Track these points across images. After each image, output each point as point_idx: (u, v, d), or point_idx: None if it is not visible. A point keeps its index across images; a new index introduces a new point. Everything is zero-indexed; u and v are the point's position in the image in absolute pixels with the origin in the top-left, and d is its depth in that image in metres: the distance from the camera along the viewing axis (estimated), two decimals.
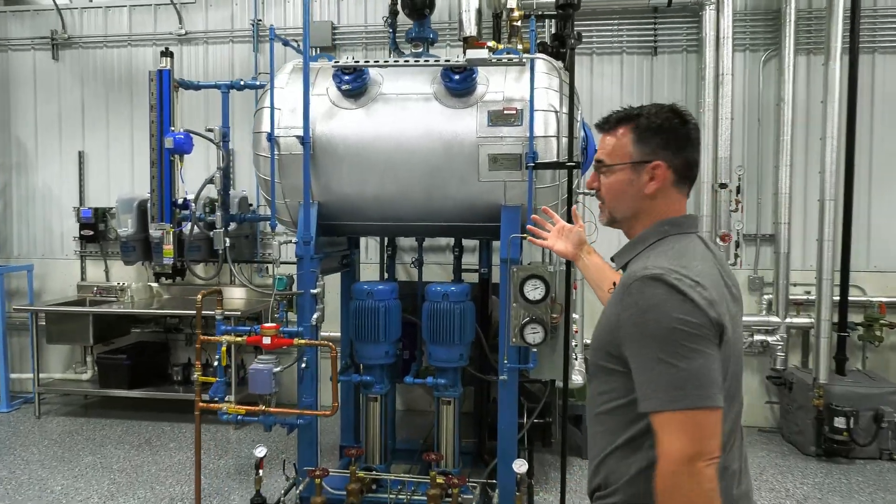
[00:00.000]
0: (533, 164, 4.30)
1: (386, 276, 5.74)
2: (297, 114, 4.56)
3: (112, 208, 7.44)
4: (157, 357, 7.30)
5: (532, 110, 4.32)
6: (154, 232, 5.23)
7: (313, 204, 4.64)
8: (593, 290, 2.33)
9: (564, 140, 4.39)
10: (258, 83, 5.16)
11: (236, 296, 7.27)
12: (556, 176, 4.46)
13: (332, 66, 4.51)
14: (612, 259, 1.82)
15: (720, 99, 6.45)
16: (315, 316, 4.56)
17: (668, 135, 1.63)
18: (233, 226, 6.32)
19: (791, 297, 6.59)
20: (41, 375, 7.26)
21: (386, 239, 5.80)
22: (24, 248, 7.96)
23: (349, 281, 5.52)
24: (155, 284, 7.43)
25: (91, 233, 7.44)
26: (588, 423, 1.73)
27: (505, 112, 4.40)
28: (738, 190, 6.50)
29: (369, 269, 6.98)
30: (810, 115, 6.57)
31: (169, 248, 4.99)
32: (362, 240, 6.73)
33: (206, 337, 4.35)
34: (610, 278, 2.19)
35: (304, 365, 4.49)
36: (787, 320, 6.58)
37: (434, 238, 6.74)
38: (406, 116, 4.51)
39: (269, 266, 6.79)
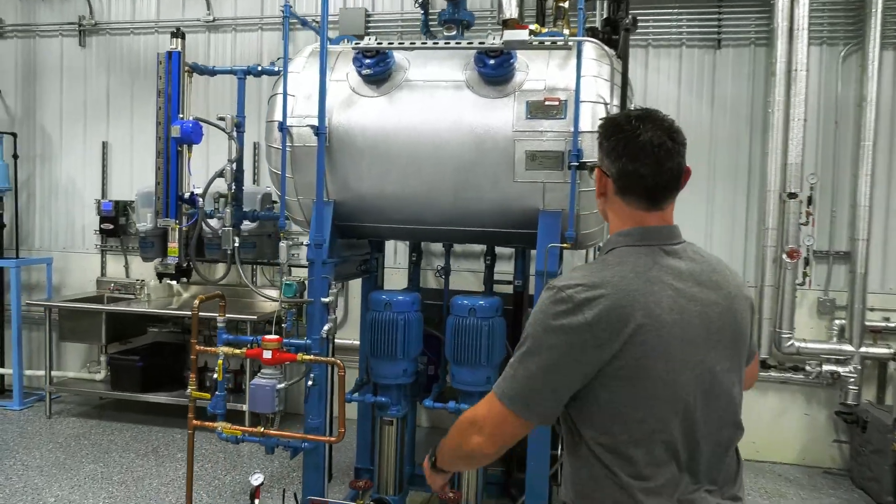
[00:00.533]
0: (577, 164, 3.72)
1: (411, 283, 5.21)
2: (313, 101, 4.08)
3: (133, 201, 7.12)
4: (173, 359, 6.93)
5: (578, 101, 3.75)
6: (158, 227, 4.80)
7: (328, 202, 4.16)
8: None
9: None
10: (277, 69, 4.70)
11: (266, 298, 6.85)
12: None
13: (353, 48, 4.01)
14: None
15: (792, 97, 5.75)
16: (326, 328, 4.08)
17: (612, 141, 1.63)
18: (253, 224, 5.97)
19: (868, 323, 5.83)
20: (56, 373, 7.00)
21: (411, 243, 5.27)
22: (45, 241, 7.72)
23: (370, 288, 5.02)
24: (174, 283, 7.08)
25: (111, 226, 7.13)
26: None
27: (546, 103, 3.84)
28: (810, 201, 5.79)
29: (396, 276, 6.49)
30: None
31: (174, 246, 4.57)
32: (389, 243, 6.25)
33: (201, 347, 3.90)
34: None
35: (311, 382, 4.00)
36: (862, 350, 5.82)
37: (466, 244, 6.19)
38: (433, 106, 3.99)
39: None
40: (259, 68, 4.79)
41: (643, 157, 1.57)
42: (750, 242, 6.19)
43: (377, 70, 3.97)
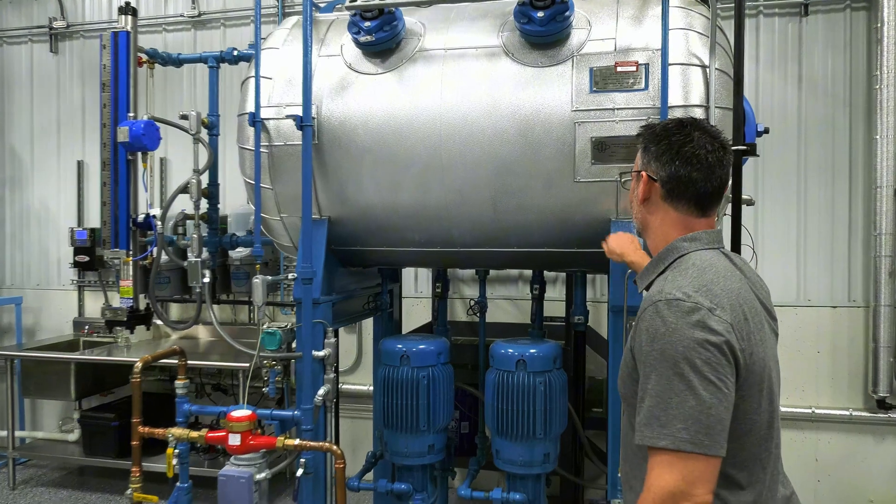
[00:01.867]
0: None
1: (436, 321, 4.07)
2: (297, 86, 3.02)
3: None
4: (158, 413, 5.85)
5: (665, 64, 2.63)
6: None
7: (320, 221, 3.08)
8: None
9: (719, 112, 2.67)
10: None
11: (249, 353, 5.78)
12: None
13: (347, 8, 2.93)
14: (634, 282, 1.75)
15: None
16: (322, 392, 2.97)
17: (663, 145, 1.58)
18: (246, 251, 4.90)
19: None
20: (23, 434, 5.99)
21: (434, 270, 4.14)
22: (17, 277, 6.73)
23: (383, 329, 3.92)
24: (160, 321, 6.05)
25: (87, 258, 6.11)
26: (625, 459, 1.62)
27: (619, 69, 2.72)
28: None
29: (418, 308, 5.39)
30: None
31: (127, 284, 3.52)
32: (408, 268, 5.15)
33: (147, 429, 2.81)
34: None
35: (301, 470, 2.88)
36: None
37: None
38: (460, 83, 2.90)
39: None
40: (235, 53, 3.75)
41: (696, 162, 1.55)
42: (855, 251, 4.96)
43: (381, 36, 2.89)
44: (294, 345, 3.07)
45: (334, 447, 2.74)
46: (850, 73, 4.92)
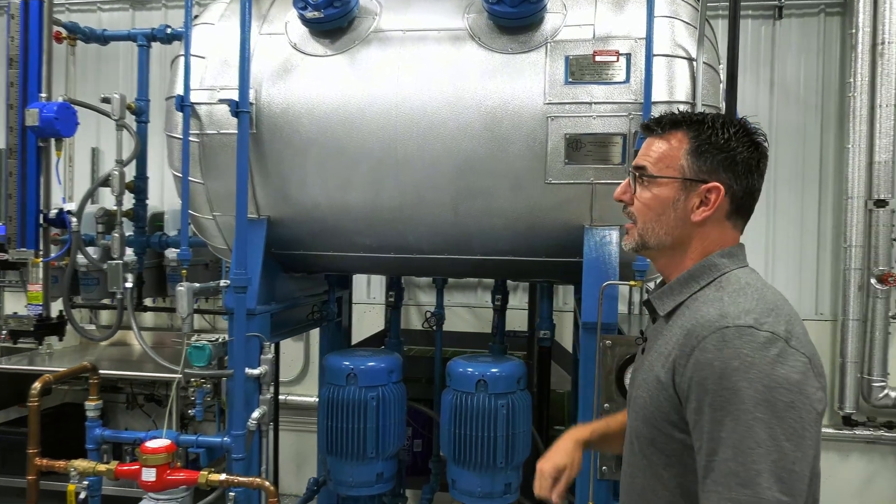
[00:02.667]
0: None
1: (390, 334, 3.74)
2: (233, 67, 2.65)
3: None
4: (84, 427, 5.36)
5: (650, 54, 2.35)
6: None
7: (258, 221, 2.72)
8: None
9: (706, 110, 2.42)
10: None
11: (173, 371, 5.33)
12: None
13: None
14: (648, 302, 1.40)
15: (878, 78, 4.42)
16: (257, 415, 2.61)
17: (734, 154, 1.31)
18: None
19: None
20: None
21: (388, 277, 3.80)
22: None
23: (331, 341, 3.56)
24: (92, 326, 5.56)
25: (6, 256, 5.57)
26: None
27: (597, 59, 2.44)
28: None
29: (371, 315, 5.04)
30: None
31: (35, 289, 3.09)
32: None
33: (46, 461, 2.41)
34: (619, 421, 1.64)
35: None
36: None
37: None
38: (420, 69, 2.57)
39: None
40: (168, 31, 3.35)
41: (762, 175, 1.37)
42: (824, 263, 4.82)
43: (331, 13, 2.54)
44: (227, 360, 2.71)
45: (266, 483, 2.38)
46: (822, 80, 4.78)
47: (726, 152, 1.30)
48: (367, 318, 5.02)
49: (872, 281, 4.48)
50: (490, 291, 3.78)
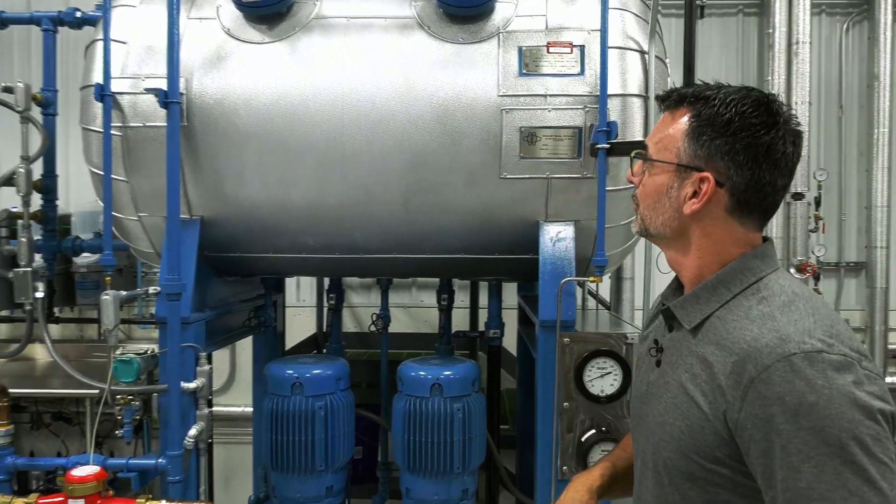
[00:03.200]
0: (608, 146, 2.29)
1: (330, 339, 3.56)
2: (159, 53, 2.42)
3: None
4: None
5: (605, 46, 2.31)
6: None
7: (190, 221, 2.50)
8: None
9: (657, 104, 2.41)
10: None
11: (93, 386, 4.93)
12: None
13: None
14: (666, 311, 1.23)
15: (794, 76, 4.63)
16: (194, 433, 2.41)
17: (735, 139, 1.12)
18: (93, 257, 4.14)
19: (890, 346, 4.78)
20: None
21: (331, 280, 3.62)
22: None
23: (266, 348, 3.36)
24: None
25: None
26: None
27: (551, 50, 2.38)
28: (818, 202, 4.68)
29: (301, 318, 4.84)
30: None
31: None
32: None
33: None
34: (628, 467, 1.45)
35: None
36: (887, 379, 4.75)
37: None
38: (367, 59, 2.44)
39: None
40: (78, 14, 3.04)
41: (784, 162, 1.14)
42: None
43: None
44: (157, 373, 2.48)
45: None
46: (742, 78, 4.95)
47: (725, 136, 1.13)
48: (296, 322, 4.81)
49: (792, 270, 4.68)
50: (425, 291, 3.70)
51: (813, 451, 0.96)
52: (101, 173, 2.47)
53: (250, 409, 4.64)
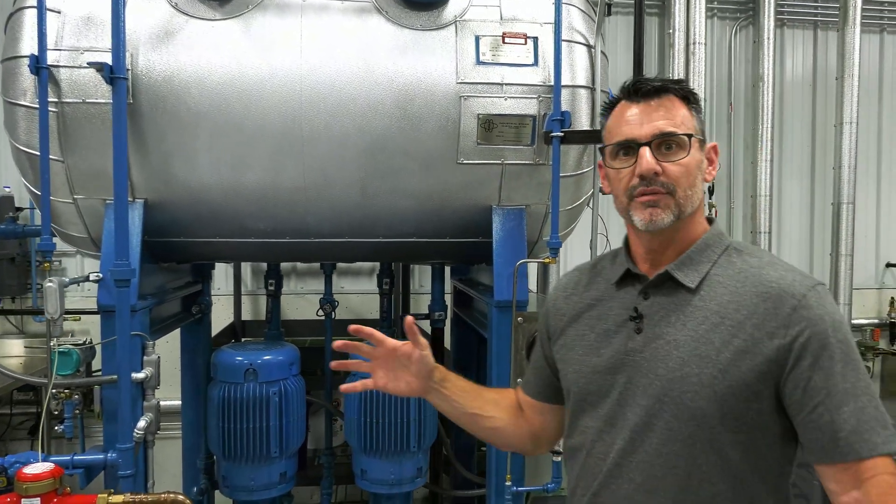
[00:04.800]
0: (563, 134, 2.41)
1: (270, 325, 3.49)
2: (99, 25, 2.29)
3: None
4: None
5: (559, 38, 2.44)
6: None
7: (132, 204, 2.39)
8: (465, 424, 1.51)
9: (603, 95, 2.57)
10: None
11: (14, 351, 4.52)
12: (584, 159, 2.61)
13: None
14: (668, 273, 1.27)
15: (691, 75, 5.00)
16: (143, 424, 2.31)
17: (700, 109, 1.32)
18: None
19: None
20: None
21: (272, 264, 3.53)
22: None
23: (197, 333, 3.26)
24: None
25: None
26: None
27: (507, 41, 2.47)
28: (712, 191, 5.09)
29: (219, 307, 4.67)
30: (795, 97, 5.38)
31: None
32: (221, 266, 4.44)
33: None
34: (489, 398, 1.54)
35: None
36: None
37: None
38: (325, 41, 2.42)
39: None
40: None
41: None
42: None
43: None
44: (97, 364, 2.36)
45: (181, 497, 2.11)
46: (644, 75, 5.28)
47: (701, 113, 1.30)
48: (216, 312, 4.65)
49: None
50: (345, 278, 3.69)
51: (850, 357, 1.16)
52: (31, 152, 2.31)
53: (170, 403, 4.46)
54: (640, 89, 1.26)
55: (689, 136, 1.24)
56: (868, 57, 5.40)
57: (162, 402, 4.50)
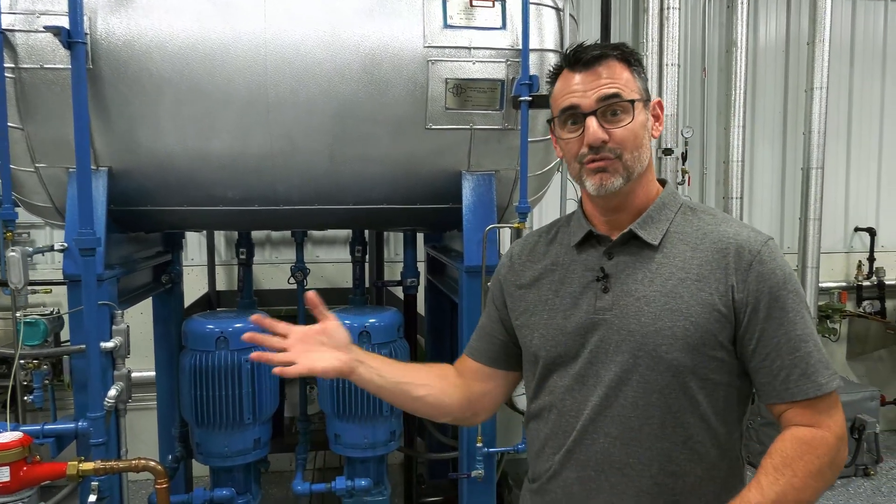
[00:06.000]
0: (531, 98, 2.41)
1: (242, 293, 3.48)
2: None
3: None
4: None
5: (527, 1, 2.41)
6: None
7: (97, 173, 2.36)
8: (396, 397, 1.45)
9: None
10: None
11: None
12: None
13: None
14: (632, 232, 1.31)
15: (665, 40, 4.99)
16: (114, 393, 2.31)
17: (644, 72, 1.34)
18: None
19: None
20: None
21: (243, 233, 3.51)
22: None
23: (169, 307, 3.24)
24: None
25: None
26: (649, 443, 1.27)
27: (474, 4, 2.45)
28: (685, 157, 5.12)
29: (192, 277, 4.65)
30: (769, 62, 5.40)
31: None
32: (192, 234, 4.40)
33: None
34: (417, 368, 1.53)
35: (93, 497, 2.21)
36: None
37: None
38: (290, 5, 2.38)
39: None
40: None
41: None
42: None
43: None
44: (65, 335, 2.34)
45: (152, 463, 2.13)
46: (619, 40, 5.25)
47: (644, 72, 1.32)
48: (185, 281, 4.62)
49: None
50: (321, 247, 3.68)
51: (800, 306, 1.25)
52: None
53: (138, 375, 4.45)
54: (580, 58, 1.26)
55: (633, 101, 1.25)
56: (840, 22, 5.42)
57: (137, 373, 4.55)
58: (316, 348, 1.36)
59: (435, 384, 1.46)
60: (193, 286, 4.68)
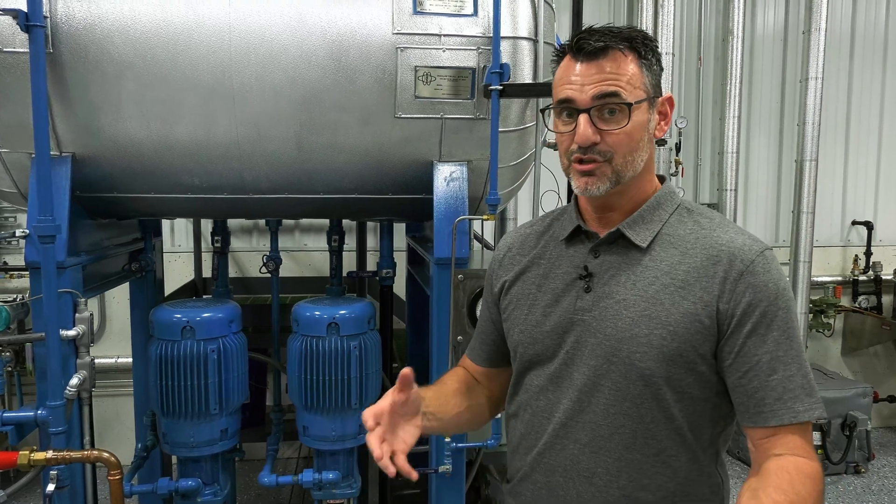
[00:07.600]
0: (502, 87, 2.35)
1: (218, 283, 3.46)
2: None
3: None
4: None
5: None
6: None
7: (60, 159, 2.32)
8: (451, 430, 1.48)
9: (547, 48, 2.50)
10: None
11: None
12: (528, 113, 2.56)
13: None
14: (619, 232, 1.24)
15: (660, 27, 4.91)
16: (76, 382, 2.29)
17: (660, 65, 1.25)
18: None
19: None
20: None
21: (217, 221, 3.48)
22: None
23: (145, 293, 3.22)
24: None
25: None
26: (620, 455, 1.22)
27: None
28: (679, 148, 5.05)
29: (177, 264, 4.65)
30: (766, 51, 5.30)
31: None
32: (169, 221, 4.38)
33: None
34: (460, 401, 1.42)
35: (51, 486, 2.20)
36: None
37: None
38: None
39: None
40: None
41: None
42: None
43: None
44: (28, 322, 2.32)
45: (106, 454, 2.11)
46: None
47: (659, 64, 1.23)
48: (173, 268, 4.60)
49: None
50: (308, 235, 3.64)
51: (788, 326, 1.17)
52: None
53: (125, 360, 4.45)
54: (583, 47, 1.17)
55: (631, 104, 1.16)
56: (840, 12, 5.32)
57: (124, 359, 4.53)
58: (400, 423, 1.24)
59: (472, 401, 1.45)
60: (181, 272, 4.67)
